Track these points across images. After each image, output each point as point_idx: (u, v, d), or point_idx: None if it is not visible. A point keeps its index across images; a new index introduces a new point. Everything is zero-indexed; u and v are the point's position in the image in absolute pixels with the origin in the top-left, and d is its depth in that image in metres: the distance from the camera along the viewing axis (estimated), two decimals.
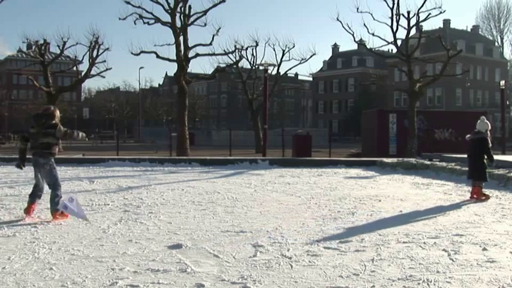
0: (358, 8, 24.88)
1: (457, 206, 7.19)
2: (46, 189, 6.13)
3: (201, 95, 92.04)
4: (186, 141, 23.58)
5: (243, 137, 38.26)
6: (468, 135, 8.43)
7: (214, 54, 27.26)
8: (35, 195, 6.07)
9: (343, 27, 25.11)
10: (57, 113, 6.17)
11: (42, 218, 6.01)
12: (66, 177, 11.41)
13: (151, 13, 24.03)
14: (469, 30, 76.58)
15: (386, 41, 28.01)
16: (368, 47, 27.18)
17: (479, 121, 8.41)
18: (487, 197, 7.94)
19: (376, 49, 31.58)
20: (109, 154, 18.69)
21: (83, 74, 33.14)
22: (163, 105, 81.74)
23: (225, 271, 3.82)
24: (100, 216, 6.20)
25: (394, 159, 15.54)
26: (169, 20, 23.77)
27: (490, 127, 8.29)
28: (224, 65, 30.57)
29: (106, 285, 3.47)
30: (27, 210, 6.00)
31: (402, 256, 4.27)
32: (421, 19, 24.73)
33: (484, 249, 4.54)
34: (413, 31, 25.67)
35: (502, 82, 27.92)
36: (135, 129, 69.66)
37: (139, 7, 23.94)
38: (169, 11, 23.71)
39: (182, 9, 23.84)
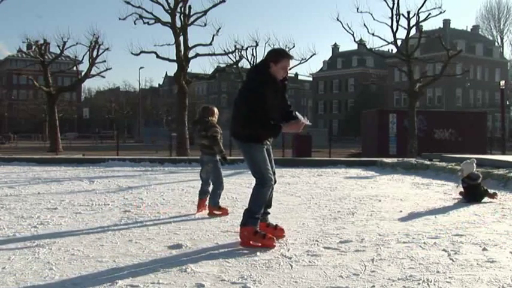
0: (358, 8, 24.98)
1: (457, 206, 7.18)
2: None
3: (201, 95, 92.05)
4: (186, 141, 23.62)
5: None
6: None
7: (214, 54, 27.28)
8: (202, 192, 6.61)
9: (343, 27, 25.23)
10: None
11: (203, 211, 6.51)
12: (66, 177, 11.42)
13: (151, 13, 24.09)
14: (469, 30, 76.64)
15: (387, 41, 28.06)
16: (368, 47, 27.24)
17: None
18: None
19: (376, 49, 31.62)
20: (109, 154, 18.70)
21: (83, 74, 33.19)
22: (163, 105, 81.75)
23: (225, 271, 3.82)
24: (100, 216, 6.21)
25: (394, 159, 15.54)
26: (169, 20, 23.81)
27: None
28: (224, 65, 30.57)
29: (106, 285, 3.47)
30: (199, 206, 6.53)
31: (402, 256, 4.26)
32: (421, 19, 24.85)
33: (484, 249, 4.53)
34: (413, 31, 25.73)
35: (502, 82, 28.00)
36: (135, 129, 69.67)
37: (139, 7, 24.00)
38: (169, 11, 23.74)
39: (182, 9, 23.88)
